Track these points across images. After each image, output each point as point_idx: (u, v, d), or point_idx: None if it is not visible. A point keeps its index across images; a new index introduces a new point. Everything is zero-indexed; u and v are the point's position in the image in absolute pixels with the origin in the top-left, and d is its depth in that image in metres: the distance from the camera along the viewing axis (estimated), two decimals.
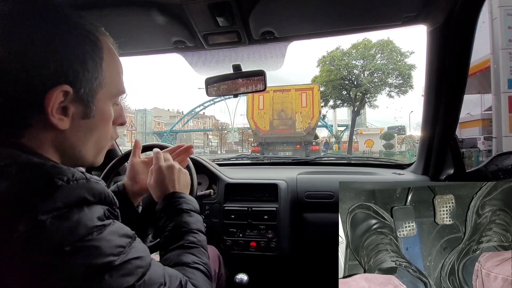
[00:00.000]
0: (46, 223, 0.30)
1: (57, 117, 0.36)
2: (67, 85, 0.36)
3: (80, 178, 0.35)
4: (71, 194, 0.33)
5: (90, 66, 0.38)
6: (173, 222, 0.53)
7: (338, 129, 27.21)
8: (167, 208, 0.56)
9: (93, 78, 0.39)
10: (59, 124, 0.37)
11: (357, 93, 16.02)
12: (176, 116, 41.83)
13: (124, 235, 0.36)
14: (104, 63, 0.40)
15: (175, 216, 0.54)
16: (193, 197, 0.61)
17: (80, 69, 0.37)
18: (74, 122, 0.39)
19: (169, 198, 0.58)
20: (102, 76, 0.40)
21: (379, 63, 15.54)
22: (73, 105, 0.38)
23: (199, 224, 0.56)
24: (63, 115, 0.37)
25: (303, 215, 1.16)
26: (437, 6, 0.75)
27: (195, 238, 0.52)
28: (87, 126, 0.41)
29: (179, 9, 0.69)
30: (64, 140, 0.39)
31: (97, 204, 0.36)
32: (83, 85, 0.38)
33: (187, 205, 0.57)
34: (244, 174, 1.31)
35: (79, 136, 0.40)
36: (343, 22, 0.81)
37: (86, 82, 0.38)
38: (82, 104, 0.39)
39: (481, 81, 7.19)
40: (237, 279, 1.08)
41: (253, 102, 10.14)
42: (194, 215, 0.56)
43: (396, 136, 20.21)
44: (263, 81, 0.92)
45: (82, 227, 0.32)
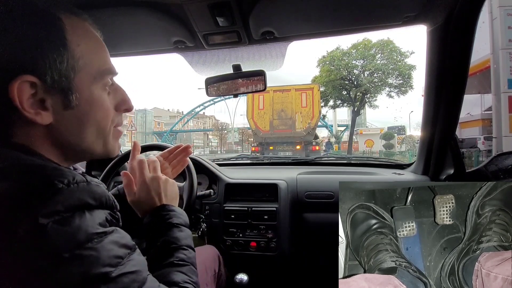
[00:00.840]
0: (47, 227, 0.29)
1: (32, 111, 0.34)
2: (28, 75, 0.33)
3: (80, 181, 0.34)
4: (72, 197, 0.33)
5: (50, 51, 0.34)
6: (162, 237, 0.50)
7: (338, 129, 27.20)
8: (156, 223, 0.53)
9: (57, 63, 0.35)
10: (38, 119, 0.35)
11: (357, 93, 16.02)
12: (176, 116, 41.81)
13: (124, 245, 0.35)
14: (71, 44, 0.36)
15: (165, 230, 0.51)
16: (183, 210, 0.57)
17: (38, 56, 0.33)
18: (58, 114, 0.36)
19: (158, 211, 0.54)
20: (72, 59, 0.36)
21: (379, 63, 15.53)
22: (50, 97, 0.35)
23: (189, 239, 0.53)
24: (40, 109, 0.35)
25: (303, 215, 1.16)
26: (437, 6, 0.75)
27: (185, 255, 0.49)
28: (75, 117, 0.37)
29: (179, 9, 0.69)
30: (56, 135, 0.37)
31: (98, 208, 0.35)
32: (48, 73, 0.34)
33: (178, 219, 0.53)
34: (244, 174, 1.31)
35: (70, 129, 0.38)
36: (343, 22, 0.81)
37: (50, 68, 0.34)
38: (58, 93, 0.35)
39: (481, 81, 7.19)
40: (237, 279, 1.08)
41: (253, 102, 10.14)
42: (185, 229, 0.53)
43: (396, 136, 20.19)
44: (263, 81, 0.92)
45: (82, 233, 0.31)
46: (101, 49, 0.41)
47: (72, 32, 0.37)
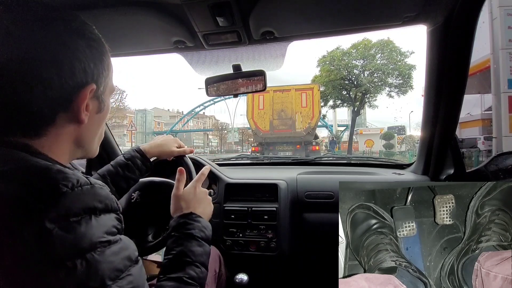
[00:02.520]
0: (52, 232, 0.30)
1: (85, 113, 0.41)
2: (93, 84, 0.41)
3: (84, 184, 0.35)
4: (77, 201, 0.33)
5: (105, 66, 0.44)
6: (179, 247, 0.51)
7: (338, 129, 27.21)
8: (179, 228, 0.54)
9: (106, 77, 0.44)
10: (86, 119, 0.41)
11: (357, 93, 16.01)
12: (176, 116, 41.83)
13: (126, 258, 0.36)
14: (109, 66, 0.45)
15: (184, 240, 0.53)
16: (209, 224, 0.59)
17: (100, 69, 0.42)
18: (91, 116, 0.43)
19: (185, 217, 0.56)
20: (107, 77, 0.45)
21: (379, 63, 15.52)
22: (92, 102, 0.42)
23: (205, 257, 0.54)
24: (86, 111, 0.41)
25: (303, 215, 1.16)
26: (437, 6, 0.75)
27: (195, 274, 0.50)
28: (99, 120, 0.46)
29: (179, 9, 0.69)
30: (80, 133, 0.43)
31: (104, 212, 0.35)
32: (101, 83, 0.43)
33: (200, 232, 0.55)
34: (244, 174, 1.31)
35: (92, 129, 0.45)
36: (343, 22, 0.81)
37: (103, 80, 0.44)
38: (98, 100, 0.44)
39: (481, 81, 7.19)
40: (237, 279, 1.08)
41: (253, 102, 10.13)
42: (203, 245, 0.54)
43: (396, 136, 20.19)
44: (263, 81, 0.92)
45: (86, 241, 0.32)
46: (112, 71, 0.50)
47: (109, 58, 0.46)
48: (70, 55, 0.38)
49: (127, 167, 0.77)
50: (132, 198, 0.79)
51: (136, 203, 0.79)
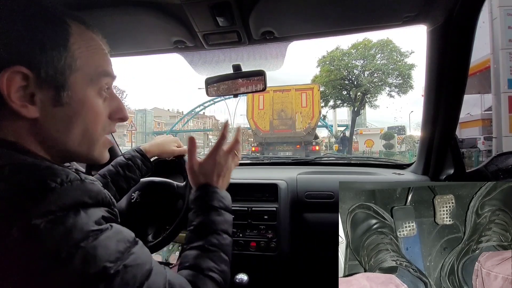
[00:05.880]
0: (40, 227, 0.29)
1: (19, 103, 0.35)
2: (22, 67, 0.34)
3: (74, 179, 0.34)
4: (65, 196, 0.32)
5: (50, 49, 0.36)
6: (199, 218, 0.52)
7: (338, 129, 27.16)
8: (198, 201, 0.55)
9: (55, 60, 0.36)
10: (23, 111, 0.35)
11: (357, 93, 16.01)
12: (176, 116, 41.79)
13: (122, 240, 0.35)
14: (72, 46, 0.38)
15: (204, 212, 0.53)
16: (227, 193, 0.59)
17: (37, 51, 0.35)
18: (46, 110, 0.37)
19: (203, 188, 0.56)
20: (71, 58, 0.38)
21: (379, 63, 15.53)
22: (41, 91, 0.36)
23: (227, 225, 0.54)
24: (28, 103, 0.35)
25: (303, 215, 1.16)
26: (437, 6, 0.75)
27: (217, 241, 0.50)
28: (64, 115, 0.38)
29: (179, 9, 0.69)
30: (41, 131, 0.37)
31: (94, 206, 0.35)
32: (43, 67, 0.35)
33: (218, 202, 0.55)
34: (244, 174, 1.31)
35: (56, 126, 0.38)
36: (343, 22, 0.81)
37: (47, 64, 0.35)
38: (50, 89, 0.36)
39: (481, 81, 7.19)
40: (237, 279, 1.08)
41: (253, 102, 10.13)
42: (224, 213, 0.54)
43: (396, 136, 20.16)
44: (263, 81, 0.92)
45: (77, 231, 0.31)
46: (101, 53, 0.42)
47: (76, 38, 0.39)
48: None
49: (128, 167, 0.78)
50: (132, 198, 0.79)
51: (136, 203, 0.79)
